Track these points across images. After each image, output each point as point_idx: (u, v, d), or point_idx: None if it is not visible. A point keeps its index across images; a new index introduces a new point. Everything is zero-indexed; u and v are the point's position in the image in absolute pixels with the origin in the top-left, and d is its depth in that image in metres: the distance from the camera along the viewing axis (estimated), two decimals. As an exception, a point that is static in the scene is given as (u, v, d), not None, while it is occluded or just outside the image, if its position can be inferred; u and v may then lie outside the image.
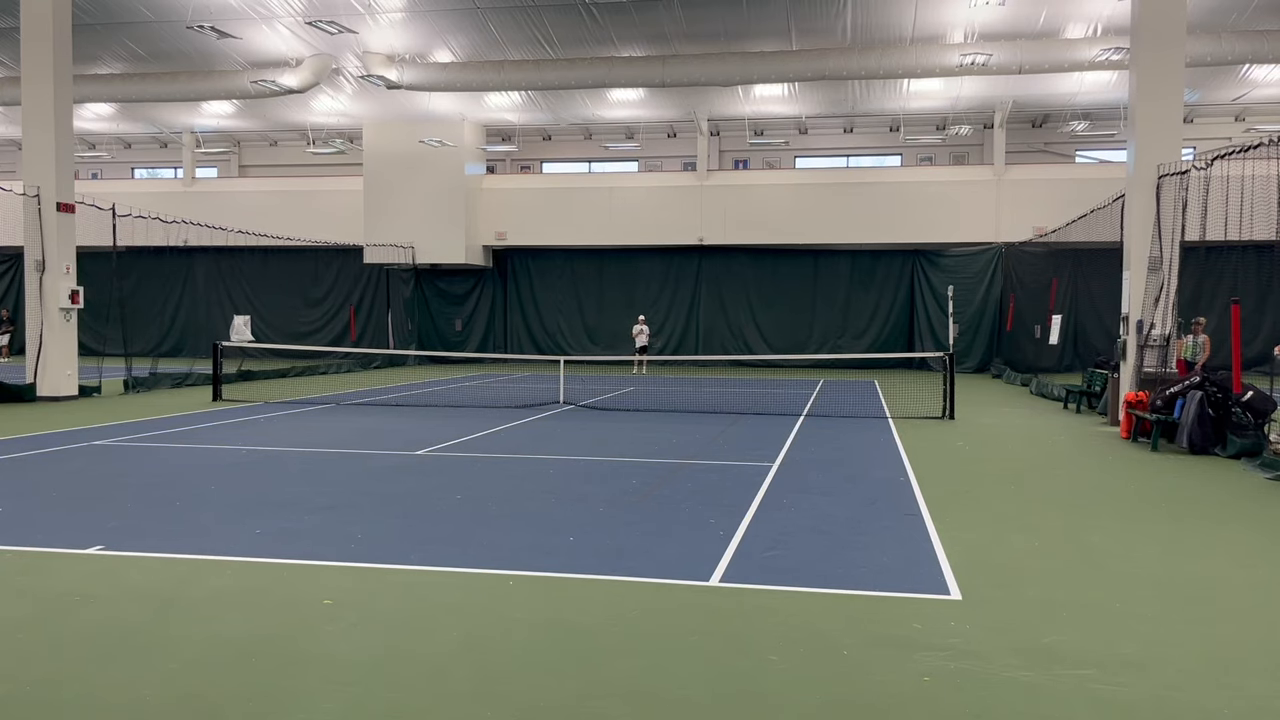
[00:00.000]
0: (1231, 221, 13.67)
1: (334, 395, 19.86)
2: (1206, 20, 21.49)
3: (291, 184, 34.05)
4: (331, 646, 5.14)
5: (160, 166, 37.26)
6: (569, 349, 31.45)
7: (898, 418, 16.51)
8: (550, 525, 7.85)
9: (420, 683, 4.68)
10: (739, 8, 22.21)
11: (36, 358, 18.22)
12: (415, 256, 31.72)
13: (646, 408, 17.81)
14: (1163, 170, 14.96)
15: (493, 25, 23.37)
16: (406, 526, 7.97)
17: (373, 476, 10.33)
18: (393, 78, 24.92)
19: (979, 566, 6.86)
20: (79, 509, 8.57)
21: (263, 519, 8.18)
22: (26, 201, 18.33)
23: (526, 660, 4.95)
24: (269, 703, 4.42)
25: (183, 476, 10.24)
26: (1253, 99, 27.94)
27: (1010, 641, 5.28)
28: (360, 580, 6.41)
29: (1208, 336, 15.80)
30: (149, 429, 14.24)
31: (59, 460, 11.27)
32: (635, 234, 31.45)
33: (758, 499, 9.19)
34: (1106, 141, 31.14)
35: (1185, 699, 4.55)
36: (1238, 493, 10.11)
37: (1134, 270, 15.41)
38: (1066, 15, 21.92)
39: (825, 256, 31.63)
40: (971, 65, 22.88)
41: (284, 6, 22.34)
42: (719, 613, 5.79)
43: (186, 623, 5.51)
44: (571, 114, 30.89)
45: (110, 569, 6.63)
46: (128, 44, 25.03)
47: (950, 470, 11.18)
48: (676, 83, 24.73)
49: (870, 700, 4.51)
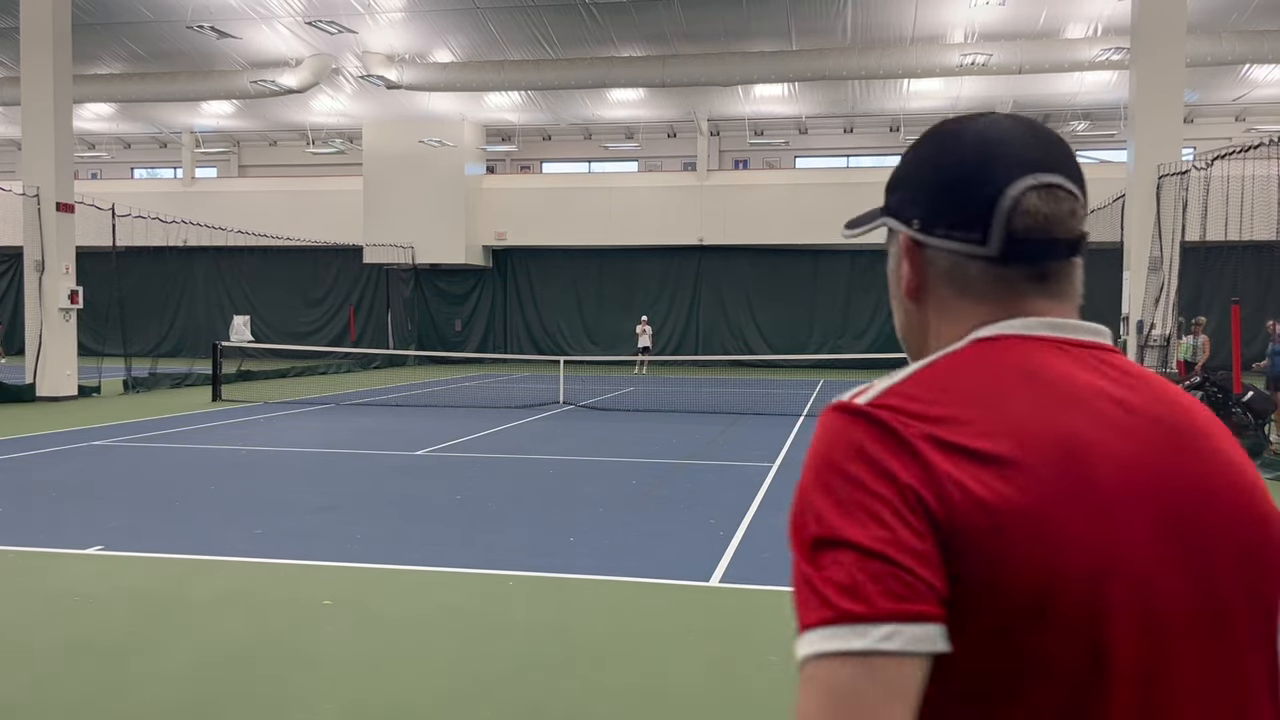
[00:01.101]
0: (1232, 222, 13.67)
1: (334, 395, 19.86)
2: (1206, 20, 21.49)
3: (291, 184, 34.04)
4: (331, 647, 5.14)
5: (160, 166, 37.25)
6: (569, 349, 31.44)
7: (898, 418, 16.49)
8: (550, 525, 7.85)
9: (420, 683, 4.67)
10: (739, 8, 22.20)
11: (36, 358, 18.22)
12: (415, 256, 31.72)
13: (646, 408, 17.80)
14: (1163, 170, 14.97)
15: (493, 25, 23.37)
16: (406, 526, 7.97)
17: (372, 476, 10.33)
18: (392, 78, 24.91)
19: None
20: (79, 509, 8.56)
21: (262, 519, 8.17)
22: (26, 201, 18.32)
23: (526, 660, 4.95)
24: (269, 703, 4.42)
25: (182, 476, 10.24)
26: (1253, 99, 27.94)
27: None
28: (360, 580, 6.41)
29: (1208, 337, 15.80)
30: (148, 429, 14.24)
31: (59, 460, 11.27)
32: (635, 234, 31.45)
33: (758, 499, 9.19)
34: (1107, 141, 31.14)
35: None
36: (1238, 493, 10.10)
37: (1134, 270, 15.42)
38: (1066, 15, 21.91)
39: (825, 256, 31.62)
40: (971, 65, 22.88)
41: (284, 6, 22.34)
42: (719, 613, 5.79)
43: (186, 623, 5.50)
44: (571, 114, 30.88)
45: (110, 569, 6.63)
46: (128, 44, 25.02)
47: (950, 470, 11.16)
48: (676, 83, 24.73)
49: (870, 700, 4.50)
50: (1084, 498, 0.90)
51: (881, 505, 0.88)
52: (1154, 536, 0.92)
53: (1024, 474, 0.89)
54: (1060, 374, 0.97)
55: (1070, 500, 0.89)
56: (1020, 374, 0.96)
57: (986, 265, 1.02)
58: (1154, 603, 0.90)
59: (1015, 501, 0.88)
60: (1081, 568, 0.88)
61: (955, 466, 0.89)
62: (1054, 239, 1.01)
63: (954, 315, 1.05)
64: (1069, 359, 0.99)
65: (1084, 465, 0.91)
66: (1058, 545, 0.88)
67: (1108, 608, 0.88)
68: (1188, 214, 14.44)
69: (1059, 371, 0.97)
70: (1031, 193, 1.00)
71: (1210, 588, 0.93)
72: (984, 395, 0.94)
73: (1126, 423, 0.95)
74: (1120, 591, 0.89)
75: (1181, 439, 0.97)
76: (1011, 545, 0.87)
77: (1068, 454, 0.91)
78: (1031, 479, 0.89)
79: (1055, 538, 0.88)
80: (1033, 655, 0.87)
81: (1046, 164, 1.01)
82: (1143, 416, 0.96)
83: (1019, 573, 0.87)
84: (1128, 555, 0.90)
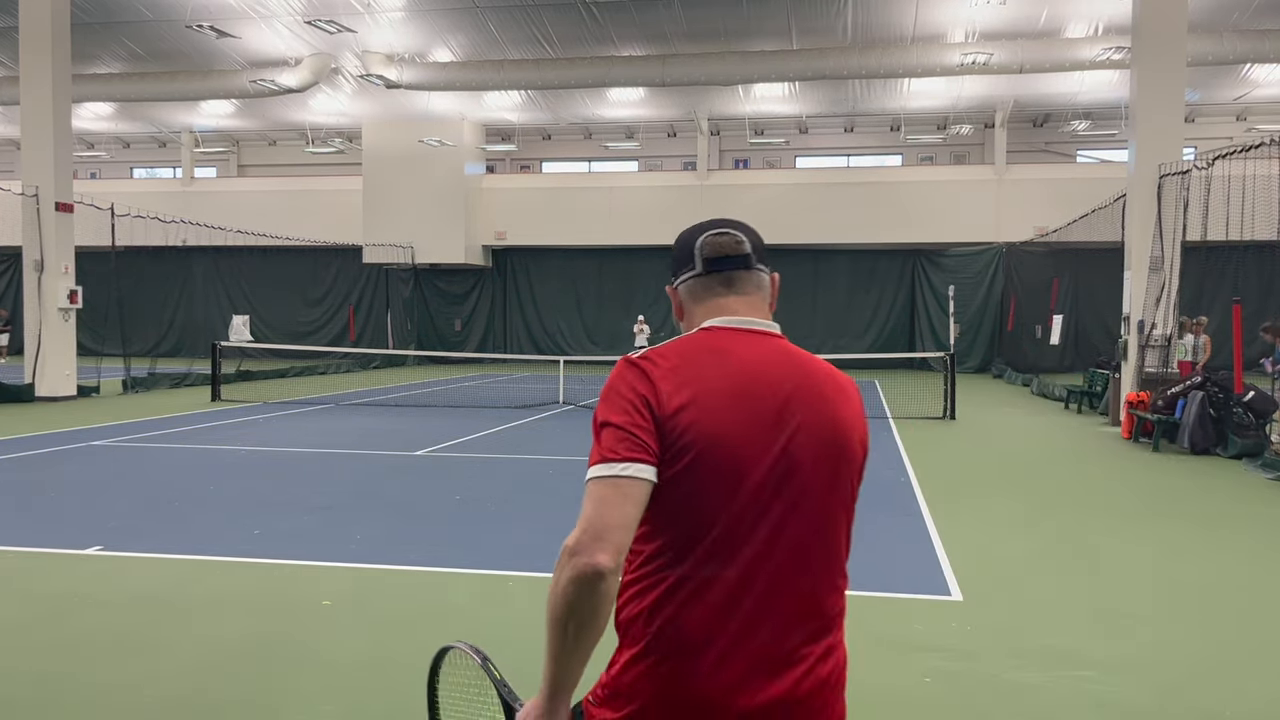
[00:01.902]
0: (1232, 221, 13.66)
1: (333, 395, 19.85)
2: (1207, 20, 21.47)
3: (291, 184, 34.03)
4: (331, 647, 5.13)
5: (159, 166, 37.24)
6: (568, 349, 31.43)
7: (898, 418, 16.50)
8: (550, 525, 7.84)
9: (420, 684, 4.66)
10: (739, 7, 22.19)
11: (35, 358, 18.21)
12: (414, 256, 31.71)
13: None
14: (1164, 170, 14.95)
15: (492, 25, 23.35)
16: (406, 527, 7.95)
17: (372, 477, 10.32)
18: (392, 77, 24.89)
19: (980, 567, 6.85)
20: (79, 509, 8.55)
21: (262, 519, 8.16)
22: (25, 201, 18.31)
23: (526, 661, 4.93)
24: (268, 703, 4.41)
25: (182, 476, 10.23)
26: (1254, 99, 27.93)
27: (1010, 642, 5.27)
28: (359, 581, 6.40)
29: (1209, 337, 15.78)
30: (148, 429, 14.23)
31: (58, 460, 11.26)
32: (635, 234, 31.44)
33: (758, 499, 9.17)
34: (1107, 141, 31.12)
35: (1185, 699, 4.54)
36: (1239, 493, 10.10)
37: (1135, 270, 15.40)
38: (1067, 14, 21.90)
39: (825, 256, 31.60)
40: (972, 65, 22.86)
41: (283, 6, 22.32)
42: (719, 613, 5.77)
43: (186, 623, 5.49)
44: (571, 113, 30.87)
45: (109, 569, 6.62)
46: (127, 44, 25.01)
47: (951, 470, 11.17)
48: (676, 82, 24.71)
49: (871, 701, 4.50)
50: (723, 408, 1.75)
51: (629, 405, 1.75)
52: (764, 430, 1.77)
53: (697, 394, 1.75)
54: (732, 348, 1.84)
55: (715, 410, 1.75)
56: (711, 347, 1.83)
57: (698, 279, 1.93)
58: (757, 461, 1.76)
59: (691, 408, 1.74)
60: (715, 439, 1.74)
61: (667, 388, 1.75)
62: (727, 256, 1.91)
63: (691, 316, 1.95)
64: (742, 340, 1.85)
65: (727, 391, 1.77)
66: (706, 429, 1.74)
67: (728, 459, 1.74)
68: (1188, 214, 14.42)
69: (733, 346, 1.84)
70: (711, 236, 1.92)
71: (795, 459, 1.78)
72: (690, 356, 1.81)
73: (763, 372, 1.81)
74: (732, 452, 1.75)
75: (800, 385, 1.82)
76: (687, 428, 1.74)
77: (722, 387, 1.77)
78: (700, 396, 1.75)
79: (706, 426, 1.74)
80: (698, 479, 1.73)
81: (720, 225, 1.94)
82: (776, 369, 1.82)
83: (689, 440, 1.73)
84: (740, 437, 1.75)
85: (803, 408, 1.80)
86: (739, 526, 1.74)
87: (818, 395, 1.83)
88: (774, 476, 1.77)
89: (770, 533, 1.76)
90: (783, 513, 1.77)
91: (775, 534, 1.76)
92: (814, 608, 1.80)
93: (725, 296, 1.90)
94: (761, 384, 1.79)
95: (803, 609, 1.79)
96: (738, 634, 1.74)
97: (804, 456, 1.79)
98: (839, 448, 1.83)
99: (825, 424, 1.82)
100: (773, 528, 1.76)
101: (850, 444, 1.84)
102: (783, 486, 1.77)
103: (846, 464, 1.84)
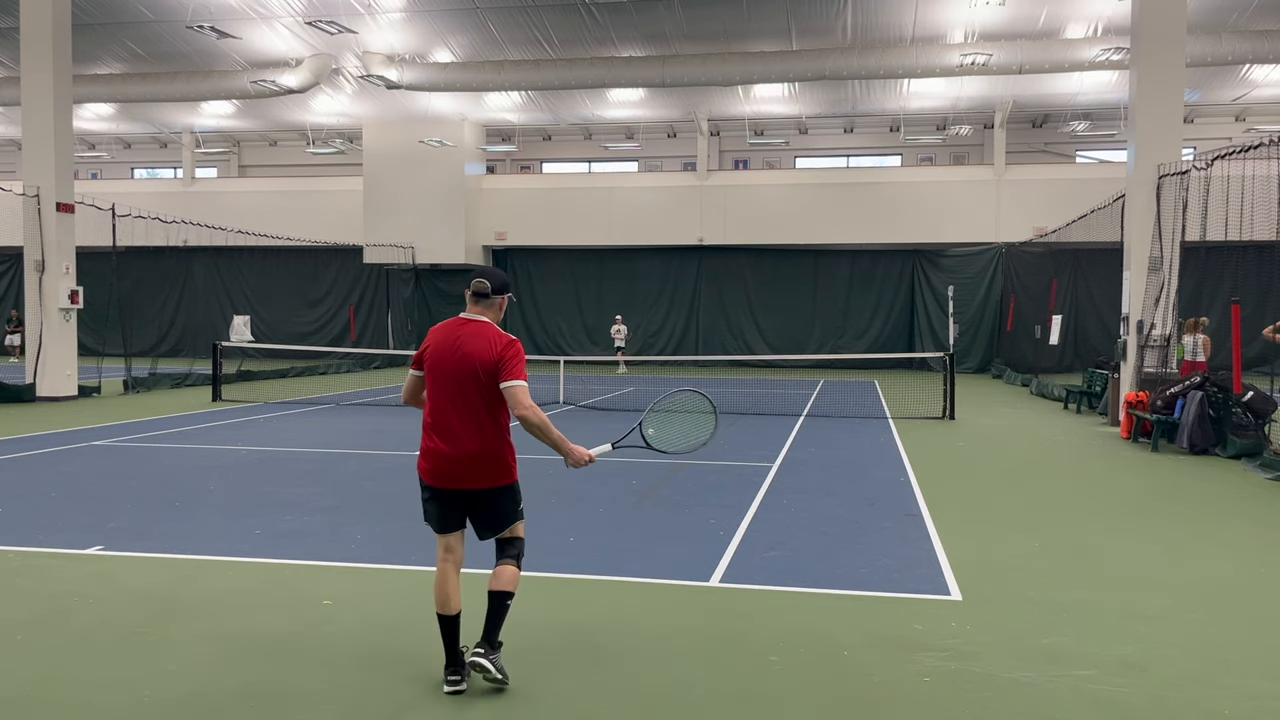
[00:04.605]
0: (1232, 221, 13.66)
1: (334, 395, 19.86)
2: (1207, 20, 21.48)
3: (291, 184, 34.03)
4: (331, 647, 5.14)
5: (160, 166, 37.25)
6: (569, 349, 31.43)
7: (898, 418, 16.51)
8: (550, 525, 7.85)
9: (420, 683, 4.67)
10: (739, 8, 22.20)
11: (36, 358, 18.22)
12: (415, 256, 31.72)
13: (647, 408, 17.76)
14: (1163, 170, 14.96)
15: (493, 25, 23.37)
16: (407, 527, 7.95)
17: (372, 476, 10.33)
18: (392, 78, 24.90)
19: (979, 567, 6.86)
20: (79, 509, 8.57)
21: (263, 519, 8.18)
22: (26, 201, 18.33)
23: (526, 661, 4.95)
24: (269, 703, 4.42)
25: (183, 476, 10.24)
26: (1253, 99, 27.94)
27: (1010, 642, 5.28)
28: (360, 581, 6.41)
29: (1208, 336, 15.77)
30: (149, 429, 14.24)
31: (59, 460, 11.27)
32: (635, 234, 31.44)
33: (758, 499, 9.19)
34: (1107, 141, 31.13)
35: (1185, 699, 4.55)
36: (1238, 493, 10.11)
37: (1134, 270, 15.41)
38: (1066, 15, 21.91)
39: (825, 256, 31.61)
40: (972, 65, 22.86)
41: (284, 6, 22.34)
42: (719, 613, 5.79)
43: (186, 623, 5.51)
44: (571, 114, 30.88)
45: (110, 569, 6.63)
46: (127, 44, 25.02)
47: (951, 470, 11.18)
48: (676, 83, 24.72)
49: (871, 700, 4.51)
50: (436, 347, 4.72)
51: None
52: (446, 355, 4.67)
53: (433, 342, 4.75)
54: (457, 326, 4.74)
55: (435, 349, 4.71)
56: (452, 324, 4.77)
57: (473, 297, 4.81)
58: (441, 368, 4.68)
59: (430, 346, 4.76)
60: (432, 357, 4.71)
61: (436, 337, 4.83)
62: (475, 292, 4.78)
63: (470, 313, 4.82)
64: (464, 324, 4.73)
65: (440, 343, 4.72)
66: (431, 354, 4.73)
67: (432, 364, 4.72)
68: (1188, 214, 14.43)
69: (458, 326, 4.74)
70: (474, 282, 4.81)
71: (460, 368, 4.63)
72: (445, 327, 4.80)
73: (453, 334, 4.71)
74: (435, 362, 4.70)
75: (460, 339, 4.67)
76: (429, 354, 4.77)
77: (441, 341, 4.72)
78: (434, 342, 4.75)
79: (431, 352, 4.73)
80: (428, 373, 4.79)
81: (479, 274, 4.82)
82: (458, 335, 4.70)
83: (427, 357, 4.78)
84: (439, 358, 4.69)
85: (461, 346, 4.63)
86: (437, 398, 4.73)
87: (468, 342, 4.63)
88: (453, 373, 4.64)
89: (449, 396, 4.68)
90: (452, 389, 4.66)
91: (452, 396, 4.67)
92: (470, 425, 4.65)
93: (474, 305, 4.79)
94: (450, 340, 4.68)
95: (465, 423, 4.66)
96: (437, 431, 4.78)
97: (463, 370, 4.62)
98: (468, 363, 4.60)
99: (465, 357, 4.61)
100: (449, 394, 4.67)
101: (473, 363, 4.59)
102: (452, 378, 4.65)
103: (470, 370, 4.59)
